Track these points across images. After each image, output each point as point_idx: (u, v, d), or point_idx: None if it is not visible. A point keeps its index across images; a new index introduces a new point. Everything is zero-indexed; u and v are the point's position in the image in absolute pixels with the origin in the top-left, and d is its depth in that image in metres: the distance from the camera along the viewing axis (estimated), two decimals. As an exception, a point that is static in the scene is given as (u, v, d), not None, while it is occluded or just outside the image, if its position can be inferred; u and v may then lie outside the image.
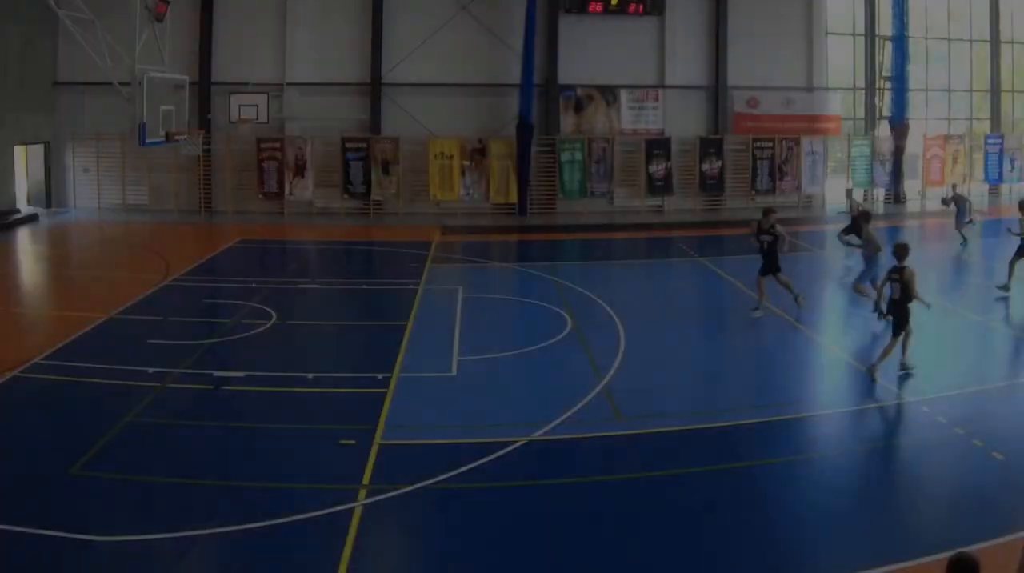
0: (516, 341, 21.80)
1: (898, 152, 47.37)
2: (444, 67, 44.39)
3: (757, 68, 46.29)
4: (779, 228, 24.06)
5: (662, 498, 13.55)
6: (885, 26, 47.85)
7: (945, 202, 36.50)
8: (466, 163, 43.90)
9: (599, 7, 44.76)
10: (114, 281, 26.91)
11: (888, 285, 19.20)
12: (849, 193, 35.50)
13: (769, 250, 23.95)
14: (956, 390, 18.03)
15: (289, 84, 44.30)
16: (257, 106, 43.40)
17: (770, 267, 24.00)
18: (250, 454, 15.14)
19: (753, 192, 46.22)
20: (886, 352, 18.73)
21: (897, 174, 47.73)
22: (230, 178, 44.15)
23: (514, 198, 44.08)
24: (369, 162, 43.58)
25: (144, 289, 26.88)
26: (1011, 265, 26.41)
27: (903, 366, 18.83)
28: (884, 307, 21.44)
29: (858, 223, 27.57)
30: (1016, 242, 26.54)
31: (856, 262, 27.65)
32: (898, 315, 18.86)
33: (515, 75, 43.59)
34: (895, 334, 18.89)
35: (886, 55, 47.68)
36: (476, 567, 11.65)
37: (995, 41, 51.23)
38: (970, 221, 34.50)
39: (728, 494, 13.58)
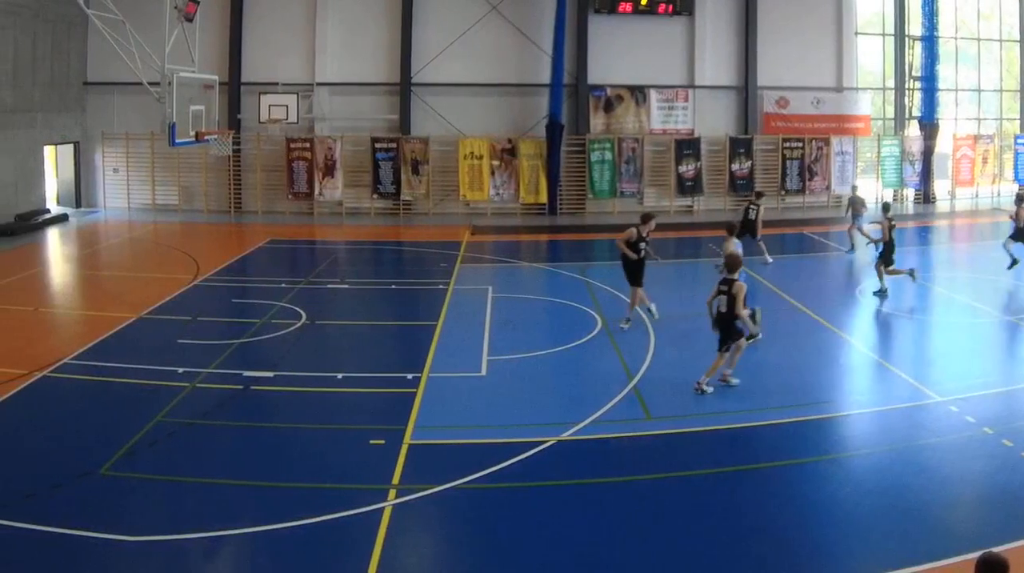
0: (546, 341, 21.31)
1: (928, 152, 45.63)
2: (474, 67, 42.99)
3: (787, 68, 44.69)
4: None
5: (692, 498, 13.33)
6: (915, 26, 45.96)
7: (849, 205, 34.92)
8: (496, 163, 42.52)
9: (629, 7, 43.09)
10: (144, 281, 26.20)
11: (716, 298, 17.99)
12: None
13: (643, 260, 22.75)
14: (985, 390, 17.60)
15: (319, 84, 42.98)
16: (287, 106, 41.77)
17: (640, 278, 22.76)
18: (279, 454, 14.90)
19: (783, 192, 44.64)
20: (713, 368, 17.77)
21: (927, 174, 45.98)
22: (260, 178, 42.98)
23: (544, 198, 42.65)
24: (399, 162, 42.27)
25: (174, 289, 26.46)
26: (878, 269, 25.90)
27: (723, 379, 17.93)
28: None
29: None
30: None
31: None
32: (724, 329, 17.73)
33: (545, 75, 42.26)
34: (721, 349, 17.76)
35: (916, 55, 45.82)
36: (505, 567, 11.47)
37: (1025, 41, 49.49)
38: (853, 227, 32.76)
39: (757, 494, 13.35)
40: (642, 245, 22.61)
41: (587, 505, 12.97)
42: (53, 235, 37.56)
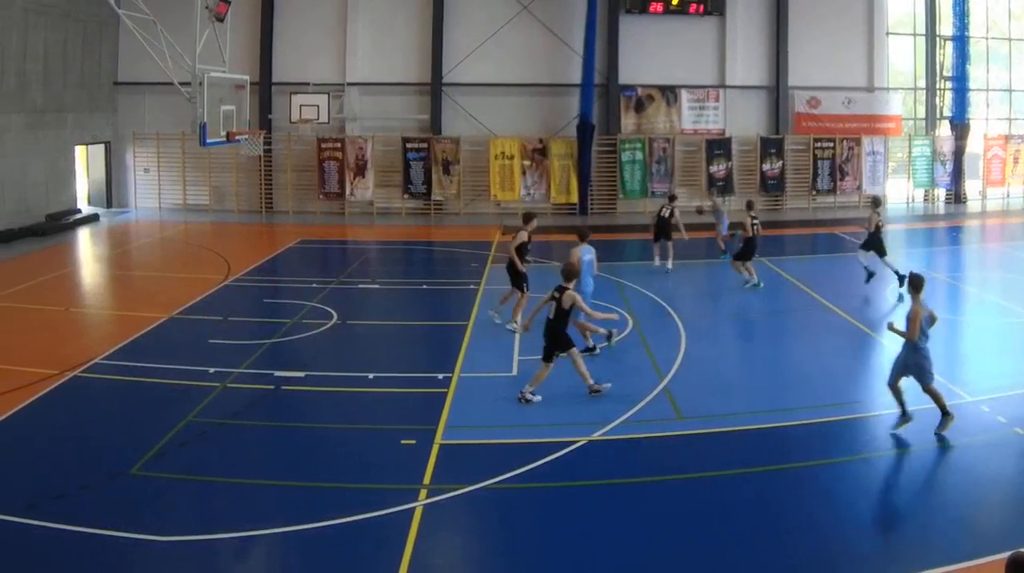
0: (577, 341, 19.66)
1: (959, 152, 43.89)
2: (505, 67, 41.60)
3: (818, 68, 43.10)
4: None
5: (722, 498, 12.98)
6: (946, 26, 44.09)
7: (700, 211, 33.46)
8: (527, 163, 41.12)
9: (660, 7, 41.55)
10: (175, 281, 25.48)
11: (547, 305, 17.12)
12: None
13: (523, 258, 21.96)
14: (1016, 390, 17.14)
15: (350, 84, 41.70)
16: (318, 106, 40.62)
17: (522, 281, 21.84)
18: (310, 455, 14.62)
19: (814, 192, 43.09)
20: (536, 378, 16.83)
21: (958, 174, 44.25)
22: (291, 178, 41.78)
23: (575, 198, 41.29)
24: (430, 162, 40.95)
25: (205, 289, 25.88)
26: (741, 264, 26.02)
27: (591, 390, 16.93)
28: None
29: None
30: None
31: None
32: (550, 338, 16.83)
33: (576, 75, 40.89)
34: (546, 358, 16.82)
35: (947, 55, 44.00)
36: (536, 567, 11.20)
37: (1056, 41, 47.50)
38: (732, 234, 30.37)
39: (789, 494, 13.05)
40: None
41: (618, 505, 12.69)
42: (84, 235, 36.77)
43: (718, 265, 29.11)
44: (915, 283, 15.38)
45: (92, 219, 39.30)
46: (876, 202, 27.35)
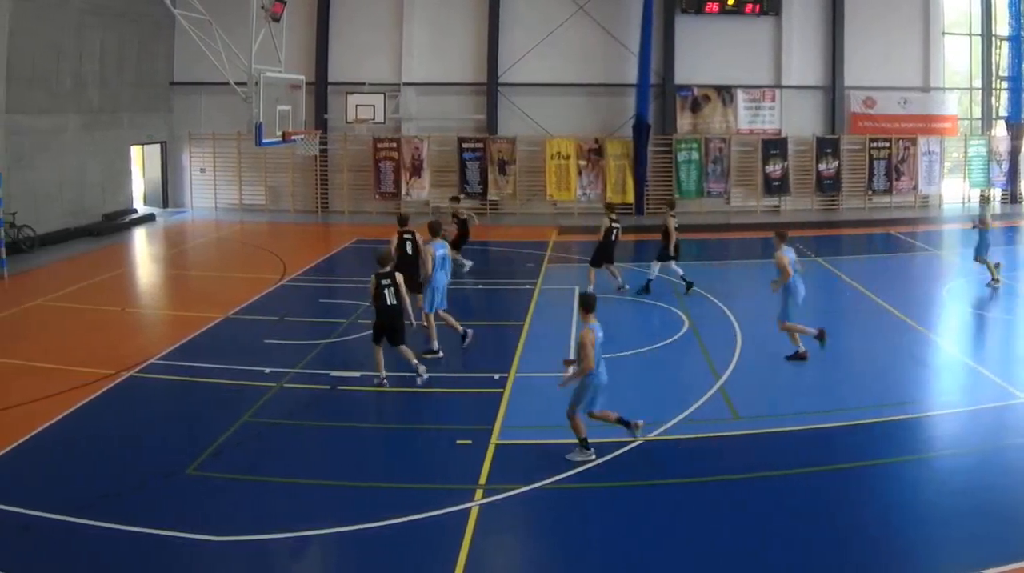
0: (632, 341, 19.51)
1: (1015, 152, 41.12)
2: (561, 67, 39.24)
3: (873, 68, 40.40)
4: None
5: (779, 498, 12.35)
6: (1001, 26, 41.41)
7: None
8: (582, 163, 38.71)
9: (716, 7, 38.99)
10: (230, 281, 24.23)
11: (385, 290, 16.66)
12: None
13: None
14: None
15: (406, 84, 39.39)
16: (374, 106, 38.25)
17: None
18: (366, 455, 14.12)
19: (870, 192, 40.38)
20: (408, 358, 16.85)
21: (1013, 174, 41.51)
22: (346, 178, 39.59)
23: (630, 198, 38.72)
24: (486, 162, 38.58)
25: (261, 289, 24.88)
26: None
27: (418, 373, 16.96)
28: None
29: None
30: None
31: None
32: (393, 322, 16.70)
33: (632, 75, 38.41)
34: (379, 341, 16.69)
35: (1003, 55, 41.26)
36: (591, 568, 10.73)
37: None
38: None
39: (844, 494, 12.39)
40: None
41: (674, 505, 12.15)
42: (140, 235, 35.28)
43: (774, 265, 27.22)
44: (585, 303, 13.76)
45: (148, 219, 37.67)
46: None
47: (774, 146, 39.84)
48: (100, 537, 11.03)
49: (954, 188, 41.95)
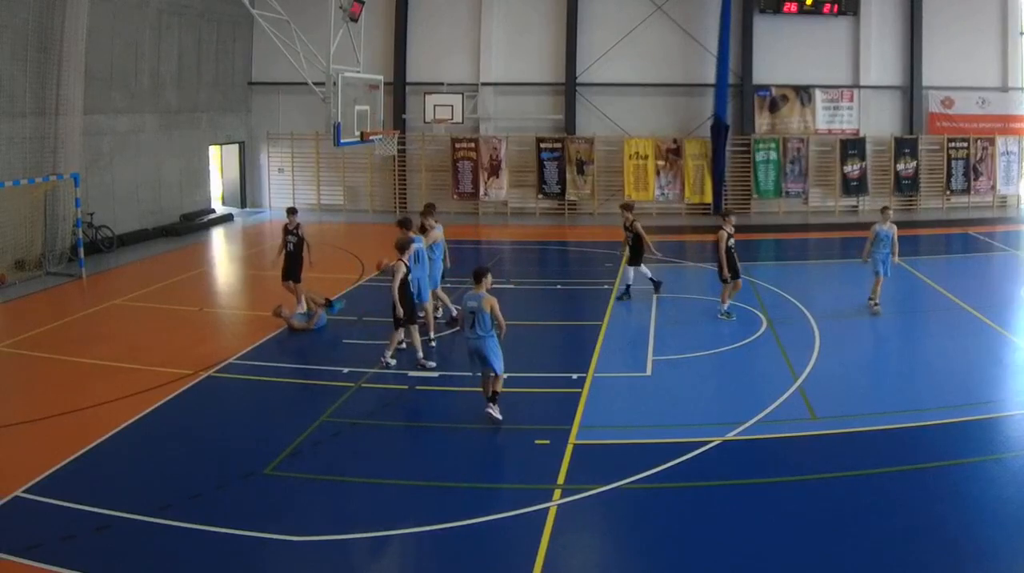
0: (710, 341, 17.97)
1: (1092, 153, 35.72)
2: (639, 67, 34.78)
3: (951, 68, 35.43)
4: None
5: (856, 498, 10.78)
6: (1079, 25, 35.99)
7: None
8: (661, 163, 34.24)
9: (794, 7, 34.14)
10: (309, 281, 20.86)
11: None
12: None
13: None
14: None
15: (484, 84, 35.07)
16: (452, 106, 33.73)
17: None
18: (444, 454, 12.60)
19: (948, 192, 35.49)
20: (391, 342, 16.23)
21: (1090, 175, 36.08)
22: (425, 178, 35.40)
23: (709, 198, 34.37)
24: (564, 162, 34.15)
25: (339, 289, 22.62)
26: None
27: (384, 363, 16.12)
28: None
29: None
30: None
31: None
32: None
33: (710, 75, 33.88)
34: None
35: (1080, 55, 36.16)
36: (671, 567, 9.54)
37: None
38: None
39: (922, 494, 10.89)
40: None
41: (753, 505, 10.79)
42: (218, 235, 32.06)
43: (854, 265, 23.43)
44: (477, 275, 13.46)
45: (226, 219, 34.03)
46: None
47: (852, 146, 35.01)
48: (178, 537, 10.06)
49: (1031, 188, 36.72)
